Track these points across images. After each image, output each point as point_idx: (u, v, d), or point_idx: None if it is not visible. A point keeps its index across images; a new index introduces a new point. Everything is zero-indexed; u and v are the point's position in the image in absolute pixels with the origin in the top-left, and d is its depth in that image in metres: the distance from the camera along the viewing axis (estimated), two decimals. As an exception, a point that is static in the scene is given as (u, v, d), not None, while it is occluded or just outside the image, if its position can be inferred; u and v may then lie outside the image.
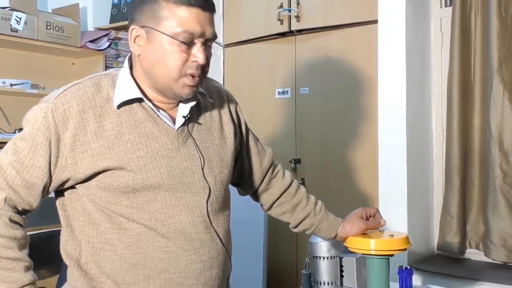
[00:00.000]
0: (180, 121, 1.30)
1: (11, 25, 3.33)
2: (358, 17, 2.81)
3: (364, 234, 1.59)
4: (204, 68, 1.27)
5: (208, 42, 1.26)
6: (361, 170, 2.79)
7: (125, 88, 1.27)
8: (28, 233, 1.35)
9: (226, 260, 1.38)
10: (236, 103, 1.50)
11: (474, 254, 2.59)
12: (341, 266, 1.68)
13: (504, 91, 2.39)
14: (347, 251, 1.67)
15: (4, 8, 3.37)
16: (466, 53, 2.54)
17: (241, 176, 1.56)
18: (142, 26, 1.25)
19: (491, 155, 2.40)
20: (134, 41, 1.27)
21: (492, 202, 2.40)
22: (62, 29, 3.60)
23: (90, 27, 3.95)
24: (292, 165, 3.01)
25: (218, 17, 3.34)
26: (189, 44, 1.23)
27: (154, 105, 1.29)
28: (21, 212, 1.30)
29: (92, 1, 3.95)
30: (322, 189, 2.93)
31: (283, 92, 3.10)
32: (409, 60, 2.51)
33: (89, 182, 1.26)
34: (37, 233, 3.28)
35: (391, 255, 1.53)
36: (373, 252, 1.51)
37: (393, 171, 2.51)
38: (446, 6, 2.70)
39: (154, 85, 1.28)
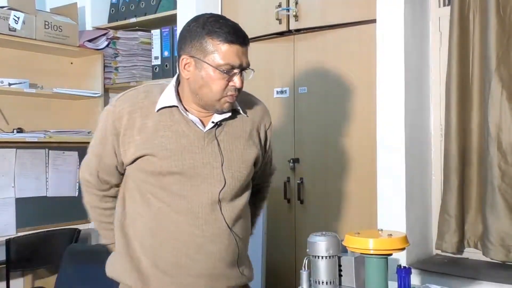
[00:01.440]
0: (209, 125, 1.64)
1: (9, 24, 3.33)
2: (357, 17, 2.80)
3: (362, 233, 1.58)
4: (239, 90, 1.61)
5: (244, 70, 1.60)
6: (359, 169, 2.79)
7: (168, 97, 1.64)
8: (26, 233, 1.53)
9: (231, 241, 1.65)
10: (270, 124, 1.83)
11: (472, 253, 2.59)
12: (340, 265, 1.68)
13: (502, 90, 2.39)
14: (345, 251, 1.67)
15: (2, 7, 3.37)
16: (465, 52, 2.54)
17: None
18: (191, 56, 1.58)
19: (489, 155, 2.40)
20: (184, 67, 1.60)
21: (490, 202, 2.40)
22: (60, 29, 3.60)
23: (89, 27, 3.94)
24: (291, 164, 3.01)
25: (216, 16, 3.33)
26: (229, 73, 1.56)
27: (187, 111, 1.64)
28: (110, 188, 1.76)
29: (90, 1, 3.95)
30: (321, 189, 2.94)
31: (282, 92, 3.10)
32: (407, 59, 2.52)
33: (132, 165, 1.66)
34: (35, 233, 3.28)
35: (390, 255, 1.54)
36: (371, 252, 1.51)
37: (391, 171, 2.51)
38: (444, 5, 2.70)
39: (199, 102, 1.62)
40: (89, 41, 3.78)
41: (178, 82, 1.68)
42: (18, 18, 3.36)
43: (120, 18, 3.83)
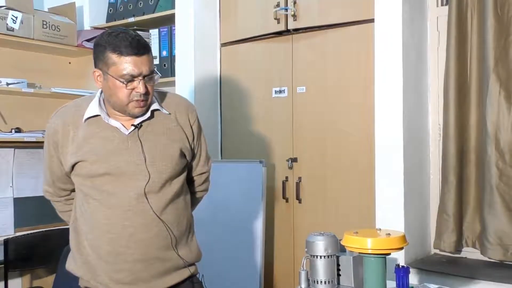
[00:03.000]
0: (131, 128, 1.82)
1: (7, 24, 3.32)
2: (355, 16, 2.81)
3: (360, 233, 1.58)
4: (146, 95, 1.77)
5: (147, 78, 1.76)
6: (357, 169, 2.79)
7: (92, 108, 1.84)
8: (25, 233, 1.61)
9: (161, 228, 1.83)
10: (196, 119, 1.98)
11: (470, 252, 2.59)
12: (338, 265, 1.68)
13: (500, 89, 2.40)
14: (344, 250, 1.68)
15: (0, 7, 3.36)
16: (463, 52, 2.55)
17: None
18: (99, 69, 1.78)
19: (487, 154, 2.41)
20: (97, 79, 1.80)
21: (488, 201, 2.41)
22: (59, 28, 3.59)
23: (87, 26, 3.94)
24: (289, 164, 3.01)
25: (215, 16, 3.33)
26: (132, 81, 1.74)
27: (110, 118, 1.82)
28: (70, 193, 1.98)
29: (88, 0, 3.94)
30: (319, 188, 2.94)
31: (280, 91, 3.10)
32: (405, 59, 2.52)
33: (72, 171, 1.86)
34: (33, 233, 3.28)
35: (388, 254, 1.54)
36: (370, 251, 1.51)
37: (389, 170, 2.51)
38: (442, 5, 2.71)
39: (114, 108, 1.82)
40: (87, 40, 3.78)
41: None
42: (16, 17, 3.36)
43: (118, 17, 3.82)
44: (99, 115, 1.83)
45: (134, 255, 1.82)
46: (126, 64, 1.72)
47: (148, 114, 1.85)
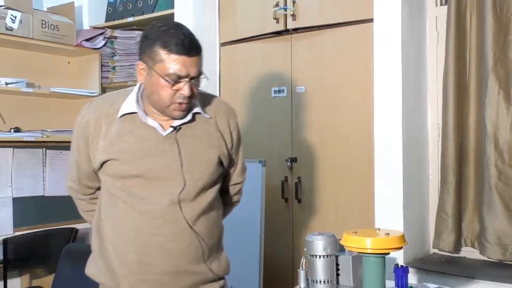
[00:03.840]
0: (169, 130, 1.69)
1: (6, 23, 3.32)
2: (354, 16, 2.81)
3: (359, 232, 1.58)
4: (190, 98, 1.64)
5: (193, 79, 1.63)
6: (357, 168, 2.79)
7: (129, 104, 1.70)
8: (24, 233, 1.55)
9: (193, 239, 1.70)
10: (236, 125, 1.85)
11: (469, 252, 2.59)
12: (337, 264, 1.68)
13: (499, 89, 2.40)
14: (343, 250, 1.68)
15: (-1, 6, 3.36)
16: (462, 51, 2.55)
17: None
18: (144, 62, 1.64)
19: (486, 154, 2.41)
20: (140, 72, 1.67)
21: (487, 201, 2.41)
22: (58, 28, 3.59)
23: (86, 26, 3.94)
24: (288, 163, 3.01)
25: (214, 15, 3.33)
26: (177, 82, 1.60)
27: (147, 116, 1.69)
28: (95, 191, 1.85)
29: (87, 0, 3.94)
30: (318, 188, 2.94)
31: (279, 91, 3.10)
32: (404, 58, 2.52)
33: (101, 169, 1.73)
34: (32, 233, 3.28)
35: (387, 254, 1.54)
36: (369, 251, 1.51)
37: (389, 170, 2.51)
38: (441, 4, 2.71)
39: (153, 106, 1.68)
40: (87, 40, 3.78)
41: (142, 88, 1.74)
42: (15, 17, 3.35)
43: (118, 17, 3.82)
44: (136, 113, 1.70)
45: (163, 267, 1.69)
46: (175, 63, 1.59)
47: (189, 117, 1.71)
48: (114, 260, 1.72)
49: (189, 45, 1.61)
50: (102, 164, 1.71)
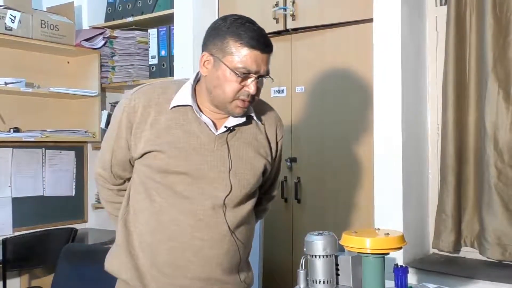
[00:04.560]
0: (222, 129, 1.61)
1: (5, 23, 3.32)
2: (354, 16, 2.81)
3: (359, 232, 1.58)
4: (254, 96, 1.58)
5: (261, 77, 1.57)
6: (356, 168, 2.79)
7: (183, 96, 1.61)
8: (23, 233, 1.49)
9: (232, 246, 1.63)
10: (282, 136, 1.80)
11: (469, 252, 2.59)
12: (337, 264, 1.68)
13: (499, 89, 2.40)
14: (342, 250, 1.67)
15: (-2, 6, 3.36)
16: (461, 52, 2.55)
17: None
18: (211, 54, 1.56)
19: (486, 154, 2.41)
20: (204, 64, 1.58)
21: (487, 201, 2.41)
22: (57, 28, 3.59)
23: (85, 26, 3.94)
24: (288, 164, 3.01)
25: (213, 15, 3.33)
26: (245, 78, 1.54)
27: (201, 112, 1.61)
28: (124, 182, 1.74)
29: (87, 0, 3.94)
30: (318, 188, 2.94)
31: (279, 91, 3.10)
32: (404, 58, 2.52)
33: (140, 159, 1.63)
34: (31, 233, 3.28)
35: (387, 254, 1.54)
36: (368, 251, 1.51)
37: (388, 170, 2.51)
38: (441, 4, 2.71)
39: (213, 101, 1.60)
40: (86, 40, 3.78)
41: (197, 80, 1.66)
42: (15, 17, 3.35)
43: (117, 17, 3.82)
44: (189, 106, 1.60)
45: (195, 272, 1.60)
46: (247, 57, 1.51)
47: (244, 118, 1.64)
48: (141, 258, 1.63)
49: (264, 41, 1.54)
50: (143, 154, 1.61)
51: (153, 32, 3.58)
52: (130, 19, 3.71)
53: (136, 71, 3.70)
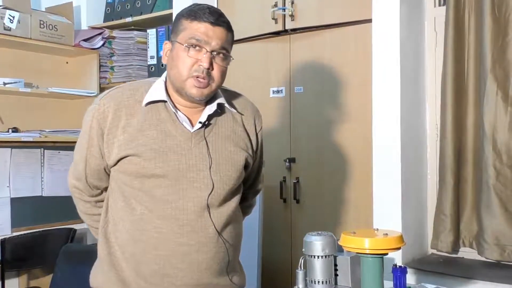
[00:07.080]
0: (197, 126, 1.55)
1: (4, 23, 3.32)
2: (353, 16, 2.81)
3: (358, 233, 1.58)
4: (210, 74, 1.52)
5: (215, 53, 1.52)
6: (355, 169, 2.80)
7: (156, 91, 1.56)
8: (22, 233, 1.50)
9: (220, 248, 1.57)
10: (261, 127, 1.76)
11: (467, 252, 2.59)
12: (336, 265, 1.68)
13: (497, 90, 2.40)
14: (341, 250, 1.68)
15: (-3, 6, 3.35)
16: (460, 52, 2.55)
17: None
18: (170, 41, 1.56)
19: (485, 154, 2.41)
20: (165, 54, 1.57)
21: (486, 201, 2.41)
22: (56, 28, 3.58)
23: (84, 26, 3.93)
24: (287, 164, 3.01)
25: (212, 16, 3.33)
26: (197, 50, 1.49)
27: (176, 108, 1.55)
28: (101, 193, 1.67)
29: (86, 0, 3.94)
30: (317, 188, 2.94)
31: (278, 91, 3.10)
32: (403, 59, 2.52)
33: (115, 166, 1.56)
34: (30, 233, 3.28)
35: (385, 254, 1.54)
36: (367, 251, 1.51)
37: (387, 170, 2.52)
38: (440, 5, 2.71)
39: (174, 86, 1.55)
40: (85, 40, 3.77)
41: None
42: (13, 17, 3.35)
43: (116, 17, 3.82)
44: (163, 101, 1.55)
45: (184, 279, 1.53)
46: (196, 28, 1.49)
47: (214, 106, 1.58)
48: (125, 270, 1.55)
49: (215, 15, 1.52)
50: (118, 161, 1.54)
51: (152, 32, 3.58)
52: (129, 19, 3.71)
53: (135, 71, 3.70)
